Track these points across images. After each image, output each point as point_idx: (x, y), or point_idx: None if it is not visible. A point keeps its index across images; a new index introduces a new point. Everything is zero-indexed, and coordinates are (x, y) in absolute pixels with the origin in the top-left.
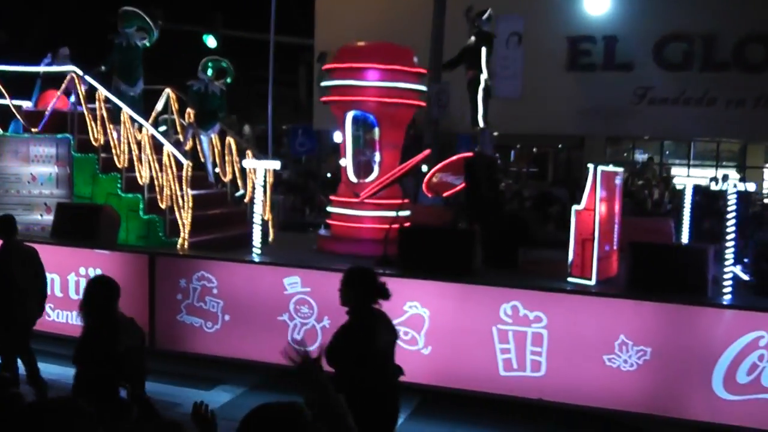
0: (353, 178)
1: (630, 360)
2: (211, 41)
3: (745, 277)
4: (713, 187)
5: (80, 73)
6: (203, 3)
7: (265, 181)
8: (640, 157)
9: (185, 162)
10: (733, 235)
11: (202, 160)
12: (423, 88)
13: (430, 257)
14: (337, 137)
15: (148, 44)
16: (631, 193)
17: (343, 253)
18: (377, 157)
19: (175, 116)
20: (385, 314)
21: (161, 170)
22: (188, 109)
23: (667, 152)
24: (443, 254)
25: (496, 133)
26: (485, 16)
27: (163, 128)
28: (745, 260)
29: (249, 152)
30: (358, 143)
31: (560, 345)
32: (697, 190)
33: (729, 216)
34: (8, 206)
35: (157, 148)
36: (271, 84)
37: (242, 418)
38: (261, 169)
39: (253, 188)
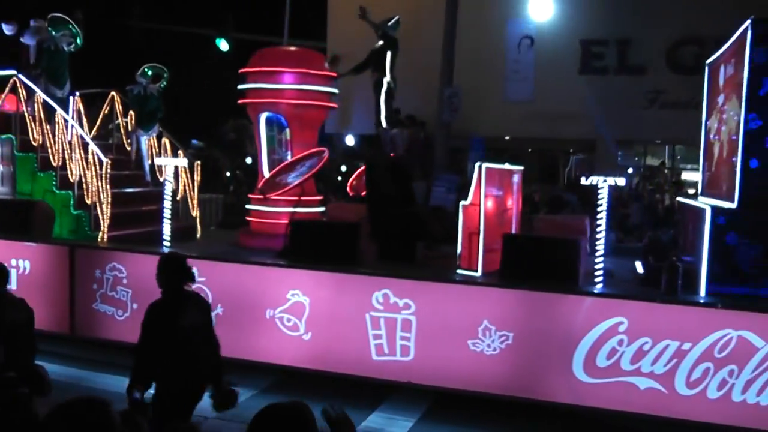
0: (267, 173)
1: (493, 344)
2: (223, 45)
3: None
4: None
5: (22, 77)
6: (215, 7)
7: (193, 180)
8: (652, 161)
9: (105, 160)
10: (603, 229)
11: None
12: (333, 90)
13: (317, 249)
14: (349, 140)
15: (73, 49)
16: (641, 197)
17: (257, 248)
18: (289, 156)
19: (119, 118)
20: (198, 296)
21: (87, 168)
22: (130, 111)
23: (679, 157)
24: (329, 246)
25: (507, 137)
26: (391, 22)
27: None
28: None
29: (180, 152)
30: (271, 143)
31: (427, 330)
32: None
33: (600, 211)
34: None
35: (86, 147)
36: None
37: (252, 417)
38: (171, 166)
39: (185, 186)
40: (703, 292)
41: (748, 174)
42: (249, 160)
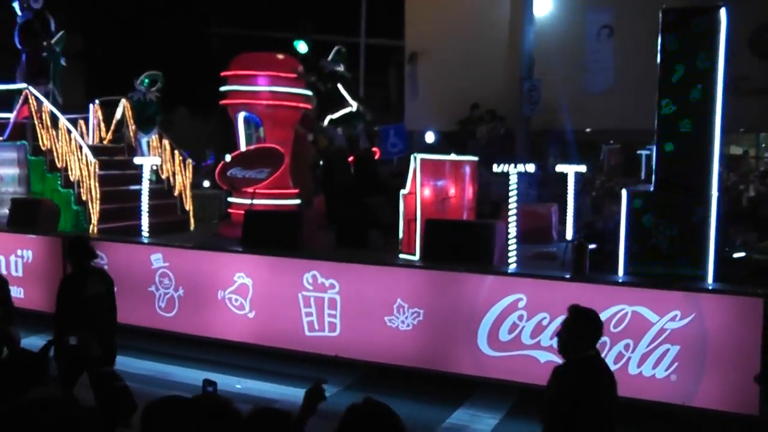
0: None
1: (406, 321)
2: (302, 47)
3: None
4: None
5: (32, 89)
6: (293, 10)
7: (184, 177)
8: (735, 150)
9: (93, 160)
10: (515, 213)
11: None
12: (305, 92)
13: (265, 236)
14: (429, 137)
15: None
16: (726, 188)
17: (235, 237)
18: None
19: (129, 123)
20: (102, 271)
21: (82, 169)
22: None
23: (763, 145)
24: (274, 233)
25: (588, 129)
26: (330, 56)
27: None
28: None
29: (176, 152)
30: (249, 140)
31: (351, 308)
32: None
33: (511, 195)
34: None
35: (81, 149)
36: (363, 87)
37: (342, 415)
38: (147, 165)
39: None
40: (621, 271)
41: (663, 157)
42: None
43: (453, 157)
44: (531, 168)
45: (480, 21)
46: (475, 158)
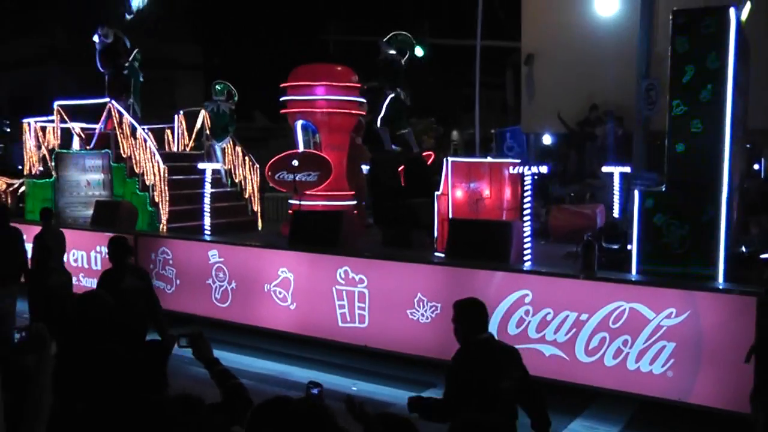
0: None
1: (426, 314)
2: (418, 51)
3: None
4: None
5: (114, 103)
6: (410, 14)
7: (251, 180)
8: None
9: (163, 166)
10: (529, 212)
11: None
12: (359, 100)
13: (309, 234)
14: (546, 140)
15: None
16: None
17: None
18: None
19: (207, 131)
20: (138, 267)
21: (155, 174)
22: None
23: None
24: (317, 232)
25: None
26: (385, 39)
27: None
28: None
29: (247, 158)
30: (307, 146)
31: (377, 302)
32: None
33: (526, 196)
34: (72, 205)
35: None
36: (478, 90)
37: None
38: (209, 170)
39: (252, 186)
40: (634, 270)
41: (674, 157)
42: None
43: (489, 159)
44: (544, 169)
45: (597, 20)
46: (516, 160)
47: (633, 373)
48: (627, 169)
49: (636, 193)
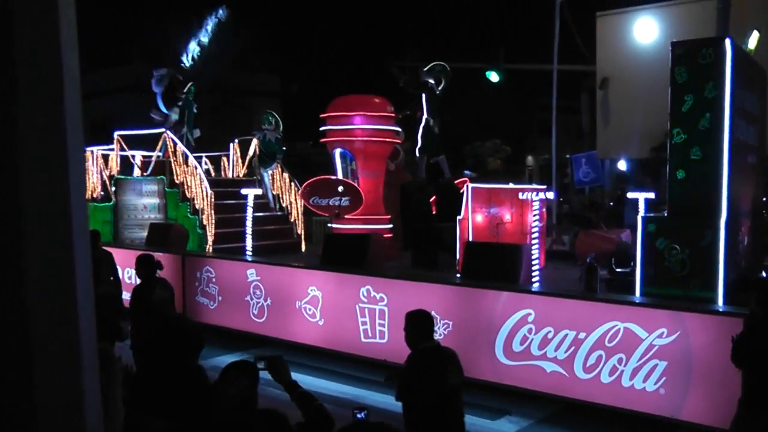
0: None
1: (439, 331)
2: (494, 77)
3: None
4: None
5: (169, 133)
6: (486, 41)
7: (296, 204)
8: None
9: (209, 192)
10: (537, 236)
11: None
12: (395, 128)
13: (339, 256)
14: (621, 165)
15: (196, 111)
16: None
17: None
18: (357, 183)
19: (256, 159)
20: (164, 280)
21: (203, 199)
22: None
23: None
24: (346, 253)
25: None
26: (426, 68)
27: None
28: None
29: (293, 185)
30: (345, 173)
31: (396, 319)
32: None
33: (534, 220)
34: (129, 227)
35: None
36: (555, 115)
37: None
38: (251, 196)
39: (297, 210)
40: (638, 292)
41: (675, 184)
42: None
43: (511, 186)
44: (551, 195)
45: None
46: (542, 186)
47: (627, 390)
48: (651, 195)
49: (639, 219)
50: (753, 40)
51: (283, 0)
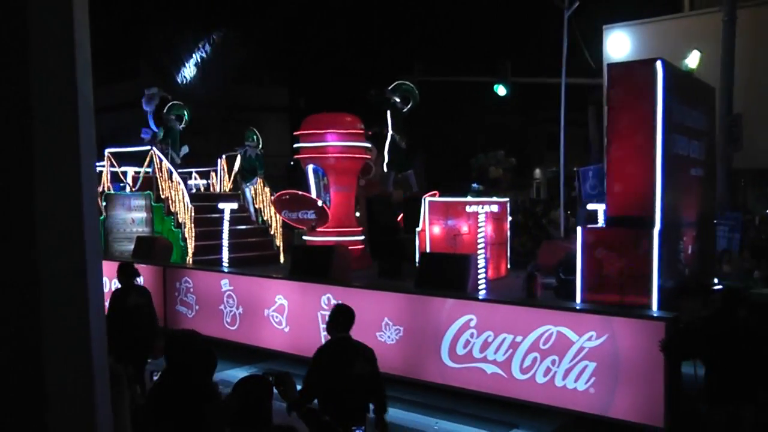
0: None
1: (391, 336)
2: (501, 90)
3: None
4: None
5: (155, 150)
6: (493, 55)
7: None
8: None
9: (190, 206)
10: (483, 246)
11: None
12: (365, 145)
13: (306, 267)
14: None
15: (183, 126)
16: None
17: None
18: (329, 199)
19: (239, 174)
20: (142, 287)
21: (185, 213)
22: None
23: None
24: (312, 265)
25: None
26: (391, 87)
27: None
28: None
29: (272, 197)
30: (318, 188)
31: (355, 325)
32: None
33: (480, 232)
34: (118, 240)
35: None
36: (563, 129)
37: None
38: (227, 210)
39: (276, 223)
40: (578, 299)
41: (613, 196)
42: None
43: (469, 198)
44: (495, 208)
45: (680, 55)
46: (498, 199)
47: (560, 390)
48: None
49: (578, 229)
50: (694, 60)
51: (291, 15)
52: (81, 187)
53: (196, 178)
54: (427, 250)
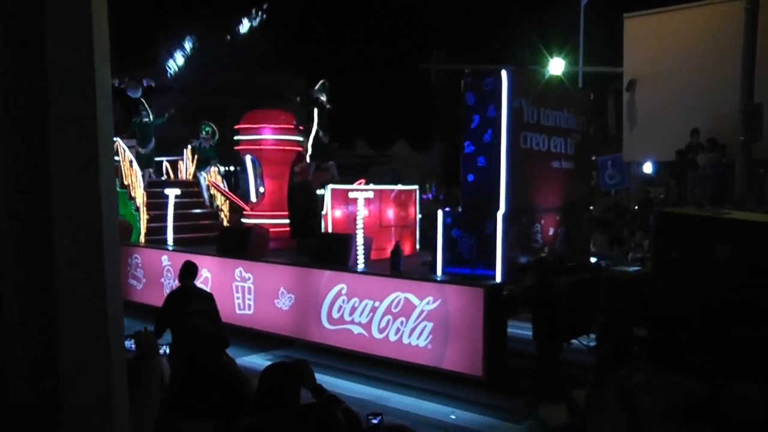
0: (253, 198)
1: (286, 303)
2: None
3: None
4: None
5: (119, 140)
6: (511, 41)
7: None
8: None
9: (143, 192)
10: (362, 227)
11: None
12: (297, 138)
13: (230, 244)
14: (647, 168)
15: (158, 122)
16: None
17: None
18: (263, 185)
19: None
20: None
21: (140, 198)
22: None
23: None
24: (234, 243)
25: None
26: (317, 86)
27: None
28: None
29: (223, 185)
30: (255, 176)
31: (259, 294)
32: None
33: (359, 213)
34: None
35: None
36: None
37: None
38: (171, 195)
39: (226, 207)
40: (439, 272)
41: (467, 185)
42: None
43: (362, 186)
44: (370, 195)
45: (700, 45)
46: (397, 186)
47: (406, 347)
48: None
49: (439, 212)
50: (558, 66)
51: (311, 4)
52: (99, 177)
53: (167, 167)
54: (329, 231)
